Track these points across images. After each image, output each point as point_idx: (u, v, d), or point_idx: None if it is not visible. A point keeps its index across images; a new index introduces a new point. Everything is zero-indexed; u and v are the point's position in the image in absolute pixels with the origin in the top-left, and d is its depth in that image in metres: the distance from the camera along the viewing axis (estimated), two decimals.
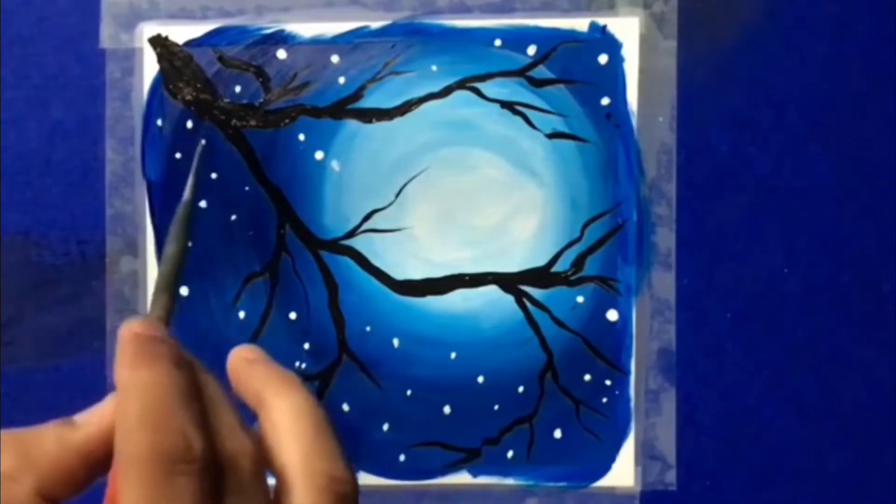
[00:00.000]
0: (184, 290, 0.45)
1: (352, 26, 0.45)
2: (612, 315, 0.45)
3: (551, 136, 0.45)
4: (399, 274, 0.45)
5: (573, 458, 0.45)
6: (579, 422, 0.45)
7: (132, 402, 0.24)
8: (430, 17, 0.45)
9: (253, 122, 0.45)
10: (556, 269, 0.45)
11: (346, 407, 0.45)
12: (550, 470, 0.45)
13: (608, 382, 0.45)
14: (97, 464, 0.26)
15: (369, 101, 0.45)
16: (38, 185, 0.46)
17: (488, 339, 0.45)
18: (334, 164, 0.45)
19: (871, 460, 0.46)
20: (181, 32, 0.45)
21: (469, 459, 0.45)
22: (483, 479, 0.46)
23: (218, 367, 0.46)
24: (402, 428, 0.45)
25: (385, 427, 0.45)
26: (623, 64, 0.45)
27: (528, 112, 0.45)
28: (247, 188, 0.45)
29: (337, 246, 0.45)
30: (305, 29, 0.45)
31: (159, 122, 0.45)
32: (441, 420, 0.45)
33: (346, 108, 0.45)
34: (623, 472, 0.45)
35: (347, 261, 0.45)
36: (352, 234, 0.45)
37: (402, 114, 0.45)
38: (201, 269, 0.45)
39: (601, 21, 0.45)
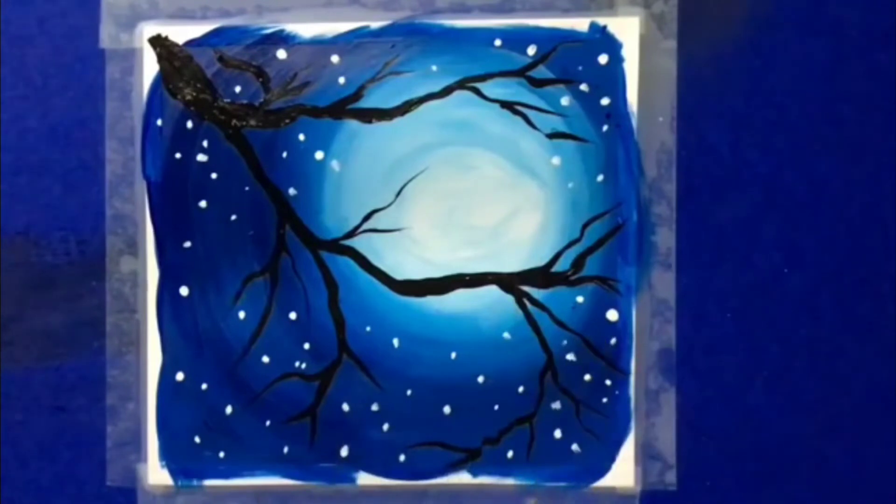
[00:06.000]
0: (184, 290, 0.46)
1: (352, 26, 0.45)
2: (612, 315, 0.45)
3: (551, 136, 0.45)
4: (399, 274, 0.45)
5: (573, 458, 0.45)
6: (579, 422, 0.45)
7: None
8: (430, 17, 0.45)
9: (253, 122, 0.45)
10: (556, 269, 0.45)
11: (346, 407, 0.45)
12: (550, 470, 0.45)
13: (608, 382, 0.45)
14: None
15: (369, 101, 0.45)
16: (38, 185, 0.46)
17: (488, 339, 0.45)
18: (334, 164, 0.45)
19: (871, 459, 0.46)
20: (181, 32, 0.45)
21: (469, 459, 0.45)
22: (483, 479, 0.46)
23: (218, 367, 0.46)
24: (402, 428, 0.45)
25: (385, 427, 0.45)
26: (623, 64, 0.45)
27: (528, 112, 0.45)
28: (247, 188, 0.45)
29: (337, 246, 0.45)
30: (305, 29, 0.45)
31: (159, 122, 0.45)
32: (441, 420, 0.45)
33: (346, 108, 0.45)
34: (623, 472, 0.45)
35: (347, 261, 0.45)
36: (352, 234, 0.45)
37: (402, 114, 0.45)
38: (201, 269, 0.45)
39: (601, 21, 0.45)
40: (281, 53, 0.45)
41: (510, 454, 0.45)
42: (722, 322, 0.46)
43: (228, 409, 0.46)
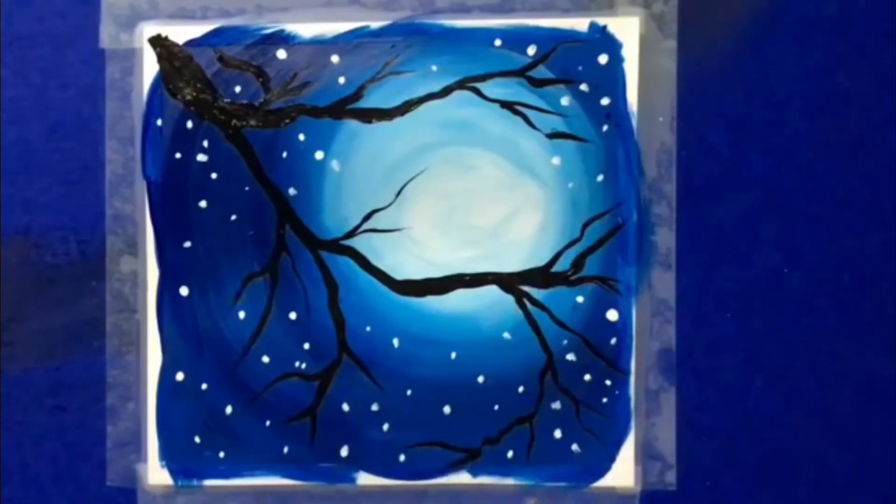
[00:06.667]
0: (184, 290, 0.45)
1: (352, 26, 0.45)
2: (612, 315, 0.45)
3: (551, 136, 0.45)
4: (399, 274, 0.45)
5: (573, 458, 0.45)
6: (579, 422, 0.45)
7: None
8: (430, 17, 0.45)
9: (253, 122, 0.45)
10: (556, 269, 0.45)
11: (346, 407, 0.45)
12: (550, 470, 0.45)
13: (608, 382, 0.45)
14: None
15: (369, 101, 0.45)
16: (38, 185, 0.46)
17: (488, 339, 0.45)
18: (334, 164, 0.45)
19: (871, 460, 0.46)
20: (181, 32, 0.45)
21: (469, 459, 0.45)
22: (483, 479, 0.46)
23: (218, 367, 0.46)
24: (402, 428, 0.45)
25: (385, 427, 0.45)
26: (623, 64, 0.45)
27: (528, 112, 0.45)
28: (247, 188, 0.45)
29: (337, 246, 0.45)
30: (305, 29, 0.45)
31: (159, 122, 0.45)
32: (441, 420, 0.45)
33: (346, 108, 0.45)
34: (623, 472, 0.45)
35: (347, 261, 0.45)
36: (352, 234, 0.45)
37: (402, 114, 0.45)
38: (201, 269, 0.45)
39: (601, 21, 0.45)
40: (281, 53, 0.45)
41: (510, 454, 0.45)
42: (722, 322, 0.46)
43: (228, 409, 0.46)
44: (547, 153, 0.45)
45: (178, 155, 0.45)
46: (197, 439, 0.46)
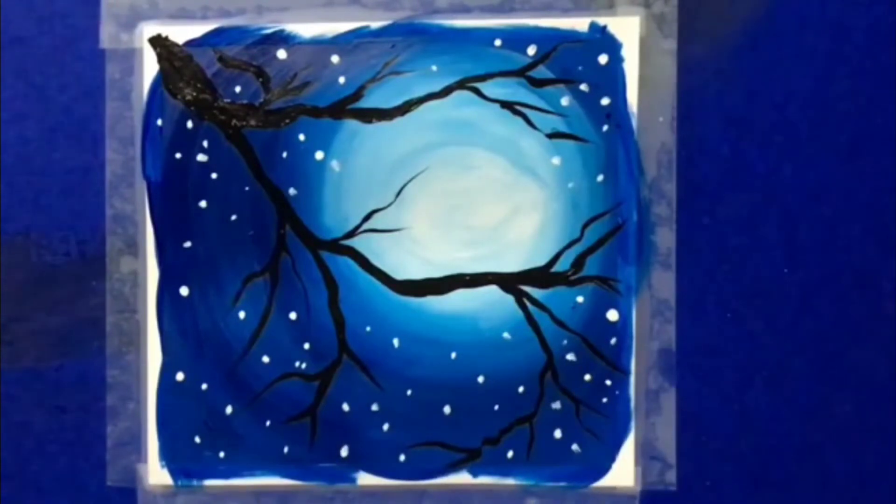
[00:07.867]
0: (184, 290, 0.45)
1: (352, 26, 0.45)
2: (612, 315, 0.45)
3: (551, 136, 0.45)
4: (399, 274, 0.45)
5: (573, 458, 0.45)
6: (579, 422, 0.45)
7: None
8: (430, 17, 0.45)
9: (253, 122, 0.45)
10: (556, 269, 0.45)
11: (346, 407, 0.45)
12: (550, 470, 0.45)
13: (608, 382, 0.45)
14: None
15: (369, 101, 0.45)
16: (38, 185, 0.46)
17: (488, 339, 0.45)
18: (334, 164, 0.45)
19: (871, 460, 0.46)
20: (181, 32, 0.45)
21: (469, 459, 0.45)
22: (483, 479, 0.46)
23: (218, 367, 0.46)
24: (402, 428, 0.45)
25: (385, 427, 0.45)
26: (623, 64, 0.45)
27: (528, 112, 0.45)
28: (247, 188, 0.45)
29: (337, 246, 0.45)
30: (305, 29, 0.45)
31: (159, 122, 0.45)
32: (441, 420, 0.45)
33: (346, 108, 0.45)
34: (623, 472, 0.45)
35: (347, 261, 0.45)
36: (352, 234, 0.45)
37: (402, 114, 0.45)
38: (201, 269, 0.45)
39: (601, 21, 0.45)
40: (281, 53, 0.45)
41: (510, 454, 0.45)
42: (722, 322, 0.46)
43: (228, 409, 0.46)
44: (547, 153, 0.45)
45: (178, 155, 0.45)
46: (197, 439, 0.46)
